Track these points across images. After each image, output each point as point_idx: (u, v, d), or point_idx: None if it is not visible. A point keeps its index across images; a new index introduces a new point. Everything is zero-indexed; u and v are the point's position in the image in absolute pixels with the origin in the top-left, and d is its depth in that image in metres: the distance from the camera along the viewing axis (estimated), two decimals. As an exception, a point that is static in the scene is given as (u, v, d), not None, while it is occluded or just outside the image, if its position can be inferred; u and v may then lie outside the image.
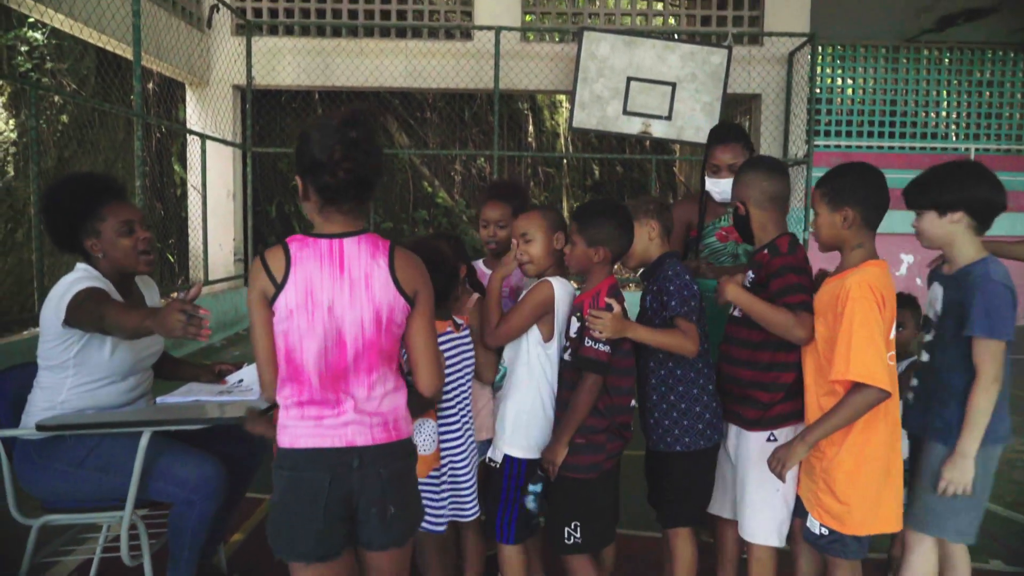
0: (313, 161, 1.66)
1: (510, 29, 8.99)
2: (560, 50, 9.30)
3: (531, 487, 2.30)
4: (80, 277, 2.35)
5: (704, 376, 2.36)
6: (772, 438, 2.29)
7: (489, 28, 8.86)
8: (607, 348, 2.19)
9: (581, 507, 2.28)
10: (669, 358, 2.34)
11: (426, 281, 1.79)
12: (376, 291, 1.70)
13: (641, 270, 2.49)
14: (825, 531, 2.19)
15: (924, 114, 13.40)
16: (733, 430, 2.43)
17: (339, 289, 1.69)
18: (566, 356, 2.33)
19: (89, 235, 2.40)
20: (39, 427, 2.21)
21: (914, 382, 2.37)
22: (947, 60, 13.31)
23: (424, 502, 2.24)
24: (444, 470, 2.31)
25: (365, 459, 1.70)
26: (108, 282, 2.41)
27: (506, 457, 2.35)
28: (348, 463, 1.69)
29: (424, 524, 2.25)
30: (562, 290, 2.34)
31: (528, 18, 9.74)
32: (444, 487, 2.31)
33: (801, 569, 2.42)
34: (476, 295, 2.50)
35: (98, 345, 2.34)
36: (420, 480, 2.26)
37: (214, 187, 8.71)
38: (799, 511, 2.32)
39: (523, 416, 2.34)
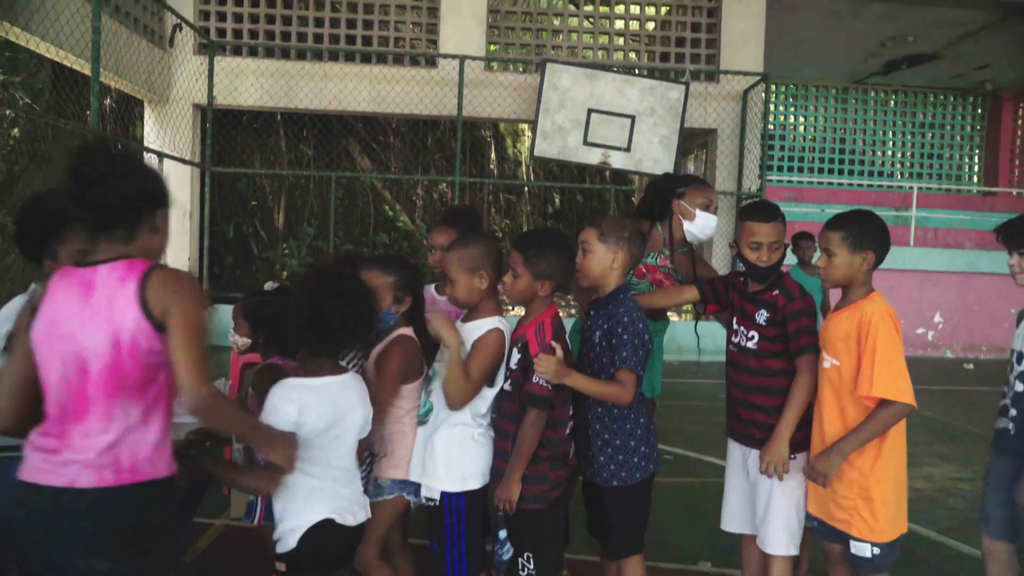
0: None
1: (474, 58, 9.13)
2: (523, 80, 9.47)
3: (500, 535, 2.27)
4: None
5: (636, 411, 2.37)
6: (793, 457, 2.38)
7: (454, 56, 8.98)
8: (549, 384, 2.18)
9: (532, 538, 2.26)
10: None
11: (182, 299, 1.65)
12: (115, 313, 1.61)
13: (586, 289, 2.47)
14: (877, 550, 2.28)
15: (871, 153, 13.97)
16: (749, 452, 2.50)
17: (83, 318, 1.61)
18: (506, 386, 2.30)
19: (48, 255, 2.36)
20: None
21: (1013, 412, 2.47)
22: (892, 102, 13.93)
23: None
24: None
25: (77, 503, 1.55)
26: None
27: (443, 495, 2.30)
28: (57, 506, 1.54)
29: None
30: (508, 331, 2.32)
31: (492, 48, 9.91)
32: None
33: None
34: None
35: None
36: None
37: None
38: (830, 537, 2.40)
39: (455, 450, 2.29)
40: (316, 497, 2.00)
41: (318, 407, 1.97)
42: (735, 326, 2.55)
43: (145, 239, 1.73)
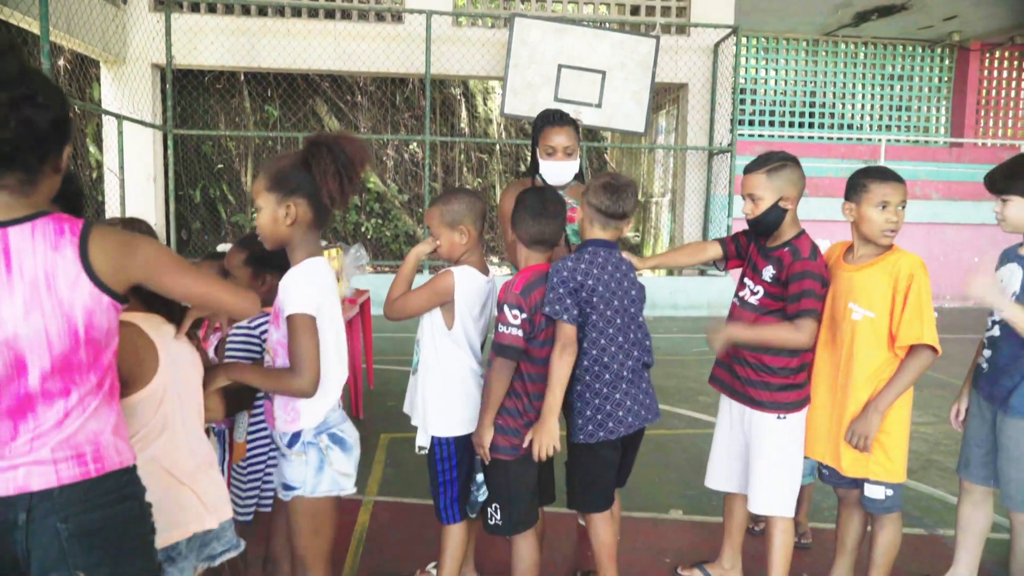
0: None
1: (441, 13, 8.92)
2: (492, 35, 9.29)
3: (477, 478, 2.31)
4: None
5: (590, 372, 2.36)
6: (781, 417, 2.41)
7: (420, 12, 8.77)
8: (519, 333, 2.21)
9: (500, 489, 2.30)
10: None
11: (138, 244, 1.36)
12: (63, 293, 1.27)
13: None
14: (890, 491, 2.34)
15: (840, 106, 14.00)
16: (743, 409, 2.50)
17: (5, 298, 1.25)
18: (490, 336, 2.36)
19: None
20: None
21: (987, 353, 2.51)
22: (862, 54, 13.93)
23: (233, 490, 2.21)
24: (248, 461, 2.25)
25: (39, 510, 1.27)
26: None
27: (433, 439, 2.35)
28: (11, 518, 1.26)
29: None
30: (466, 280, 2.31)
31: (460, 2, 9.68)
32: (250, 477, 2.26)
33: (846, 539, 2.55)
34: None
35: None
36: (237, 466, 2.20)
37: (133, 170, 8.36)
38: (844, 483, 2.45)
39: (443, 397, 2.34)
40: None
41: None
42: (744, 280, 2.52)
43: (47, 187, 1.34)
